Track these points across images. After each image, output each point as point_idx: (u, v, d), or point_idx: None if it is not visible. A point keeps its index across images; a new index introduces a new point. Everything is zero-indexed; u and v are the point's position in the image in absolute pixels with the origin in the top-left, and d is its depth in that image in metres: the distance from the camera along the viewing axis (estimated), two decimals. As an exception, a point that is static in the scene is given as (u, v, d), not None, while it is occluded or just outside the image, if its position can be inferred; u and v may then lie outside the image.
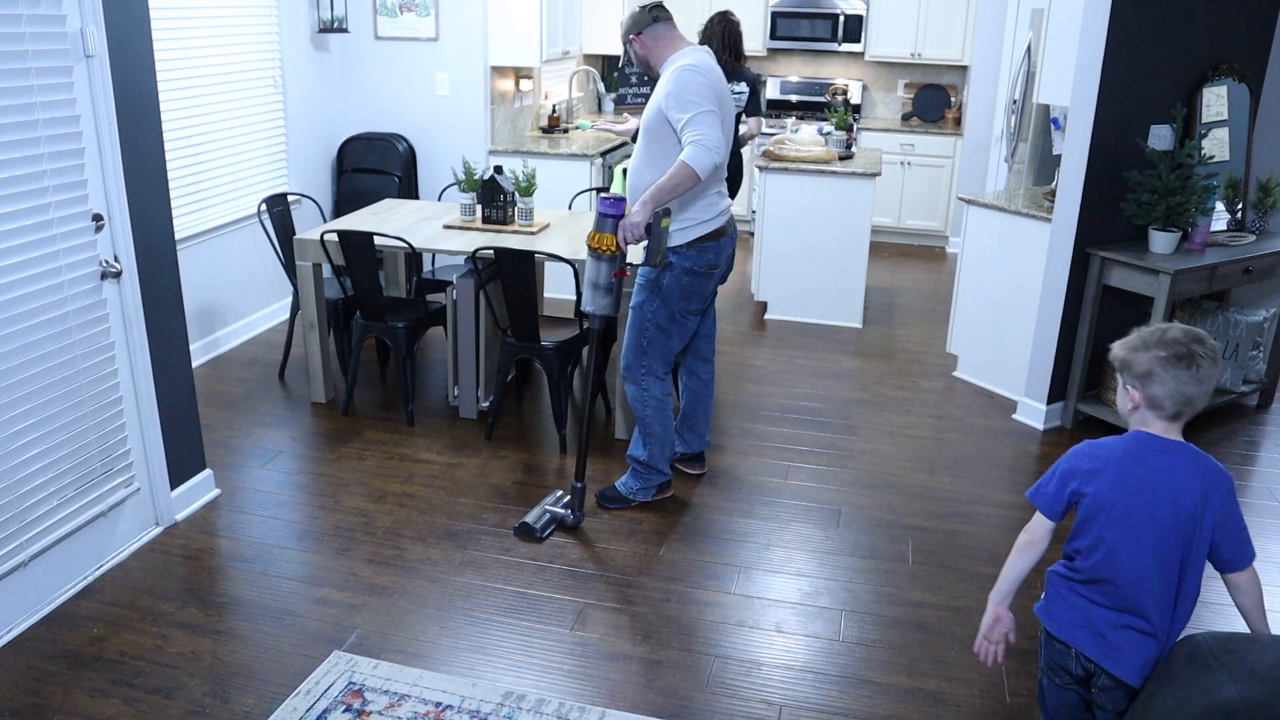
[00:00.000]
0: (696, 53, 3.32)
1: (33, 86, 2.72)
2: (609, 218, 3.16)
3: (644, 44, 3.38)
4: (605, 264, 3.22)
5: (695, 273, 3.38)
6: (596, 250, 3.19)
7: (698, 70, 3.21)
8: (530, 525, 3.45)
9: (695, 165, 3.11)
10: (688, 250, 3.35)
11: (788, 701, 2.68)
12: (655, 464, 3.61)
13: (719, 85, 3.27)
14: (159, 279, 3.31)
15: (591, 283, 3.28)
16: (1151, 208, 4.11)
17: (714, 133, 3.14)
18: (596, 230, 3.19)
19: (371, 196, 5.84)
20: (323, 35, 5.77)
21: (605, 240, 3.17)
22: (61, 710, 2.57)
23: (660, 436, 3.59)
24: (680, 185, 3.14)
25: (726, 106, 3.30)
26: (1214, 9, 4.24)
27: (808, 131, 6.02)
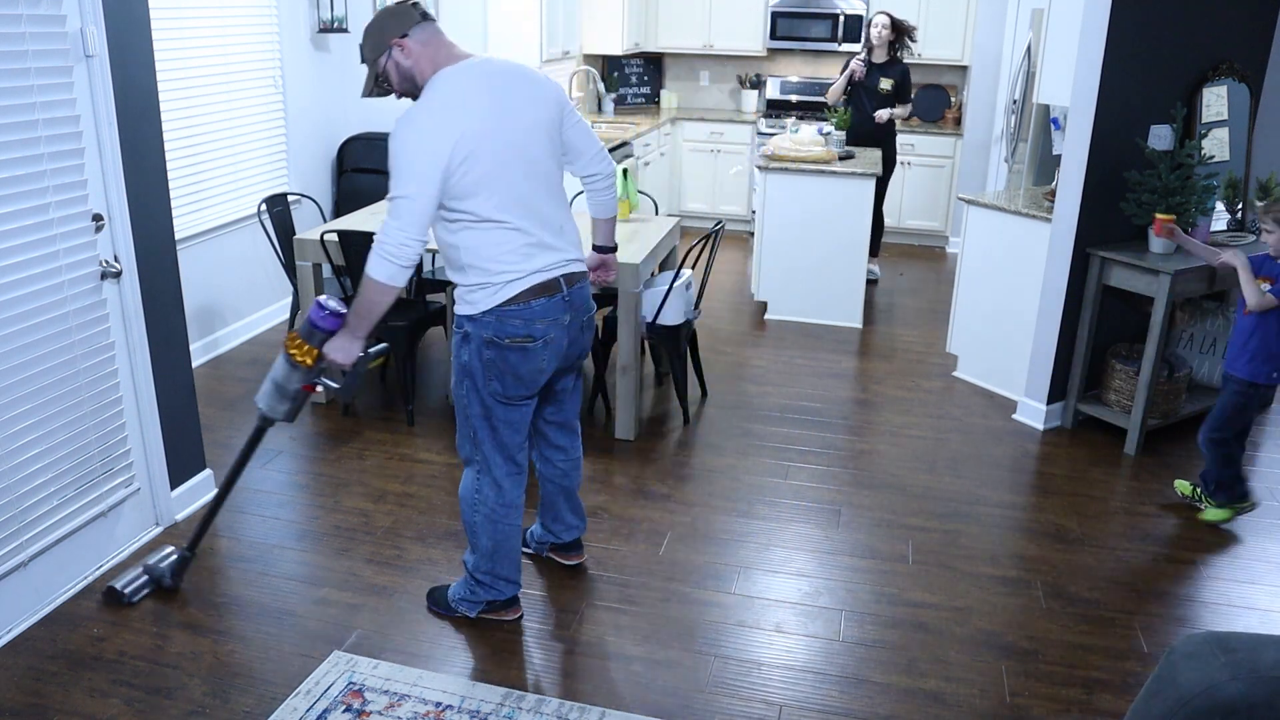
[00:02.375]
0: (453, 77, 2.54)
1: (33, 86, 2.72)
2: (319, 330, 2.69)
3: (411, 51, 2.56)
4: (299, 372, 2.75)
5: (498, 345, 2.62)
6: (292, 356, 2.73)
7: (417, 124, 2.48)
8: (117, 590, 3.01)
9: (378, 277, 2.49)
10: (483, 317, 2.62)
11: (788, 701, 2.68)
12: (481, 579, 2.91)
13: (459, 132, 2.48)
14: (159, 279, 3.31)
15: (275, 384, 2.80)
16: (1151, 208, 4.11)
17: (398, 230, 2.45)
18: (303, 339, 2.71)
19: (371, 196, 5.83)
20: (323, 35, 5.77)
21: (307, 352, 2.72)
22: (61, 710, 2.57)
23: (489, 552, 2.86)
24: (373, 304, 2.55)
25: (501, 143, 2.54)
26: (1214, 9, 4.24)
27: (808, 131, 6.02)
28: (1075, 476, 4.02)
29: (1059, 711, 2.67)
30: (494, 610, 2.98)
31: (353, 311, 2.63)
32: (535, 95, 2.64)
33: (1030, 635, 2.99)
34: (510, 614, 3.00)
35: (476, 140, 2.50)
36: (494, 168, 2.53)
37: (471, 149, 2.49)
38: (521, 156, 2.59)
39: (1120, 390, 4.33)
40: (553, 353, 2.71)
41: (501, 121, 2.55)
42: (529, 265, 2.62)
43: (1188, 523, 3.67)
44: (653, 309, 4.26)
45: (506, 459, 2.80)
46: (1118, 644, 2.96)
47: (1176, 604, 3.17)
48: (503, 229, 2.58)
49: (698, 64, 8.56)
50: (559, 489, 3.13)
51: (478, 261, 2.60)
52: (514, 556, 2.92)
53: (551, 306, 2.66)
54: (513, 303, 2.61)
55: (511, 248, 2.60)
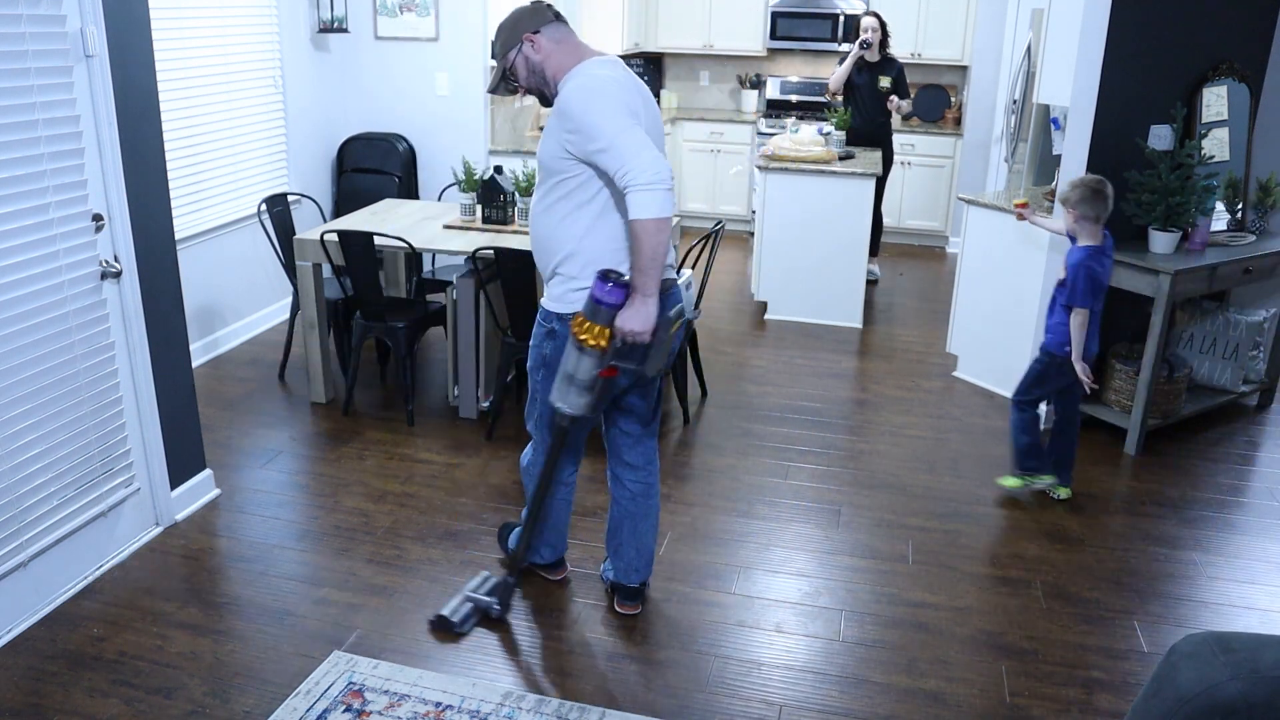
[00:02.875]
0: (599, 64, 2.56)
1: (33, 86, 2.72)
2: (604, 306, 2.45)
3: (542, 47, 2.58)
4: (590, 359, 2.51)
5: None
6: (581, 341, 2.49)
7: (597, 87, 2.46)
8: (447, 619, 2.92)
9: (655, 214, 2.36)
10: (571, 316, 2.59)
11: (788, 701, 2.68)
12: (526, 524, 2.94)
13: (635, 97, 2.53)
14: (159, 279, 3.31)
15: (566, 375, 2.57)
16: (1151, 208, 4.11)
17: (642, 158, 2.36)
18: (587, 318, 2.48)
19: (371, 196, 5.84)
20: (323, 35, 5.77)
21: (596, 333, 2.47)
22: (61, 710, 2.57)
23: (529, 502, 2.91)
24: (655, 249, 2.40)
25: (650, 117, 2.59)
26: (1214, 9, 4.24)
27: (808, 131, 6.02)
28: (1075, 476, 4.01)
29: (1059, 711, 2.67)
30: (536, 569, 3.19)
31: (636, 270, 2.43)
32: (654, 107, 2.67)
33: (1030, 635, 2.99)
34: (554, 574, 3.19)
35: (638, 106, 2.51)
36: None
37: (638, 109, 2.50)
38: None
39: (1120, 390, 4.33)
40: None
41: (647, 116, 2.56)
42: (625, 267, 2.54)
43: (1188, 523, 3.67)
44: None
45: (552, 432, 2.80)
46: (1118, 644, 2.96)
47: (1176, 604, 3.18)
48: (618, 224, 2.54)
49: (698, 64, 8.56)
50: (626, 514, 2.94)
51: (602, 257, 2.53)
52: (558, 526, 3.05)
53: None
54: None
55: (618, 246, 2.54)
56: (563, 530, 3.07)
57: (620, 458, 2.92)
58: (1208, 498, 3.87)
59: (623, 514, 2.96)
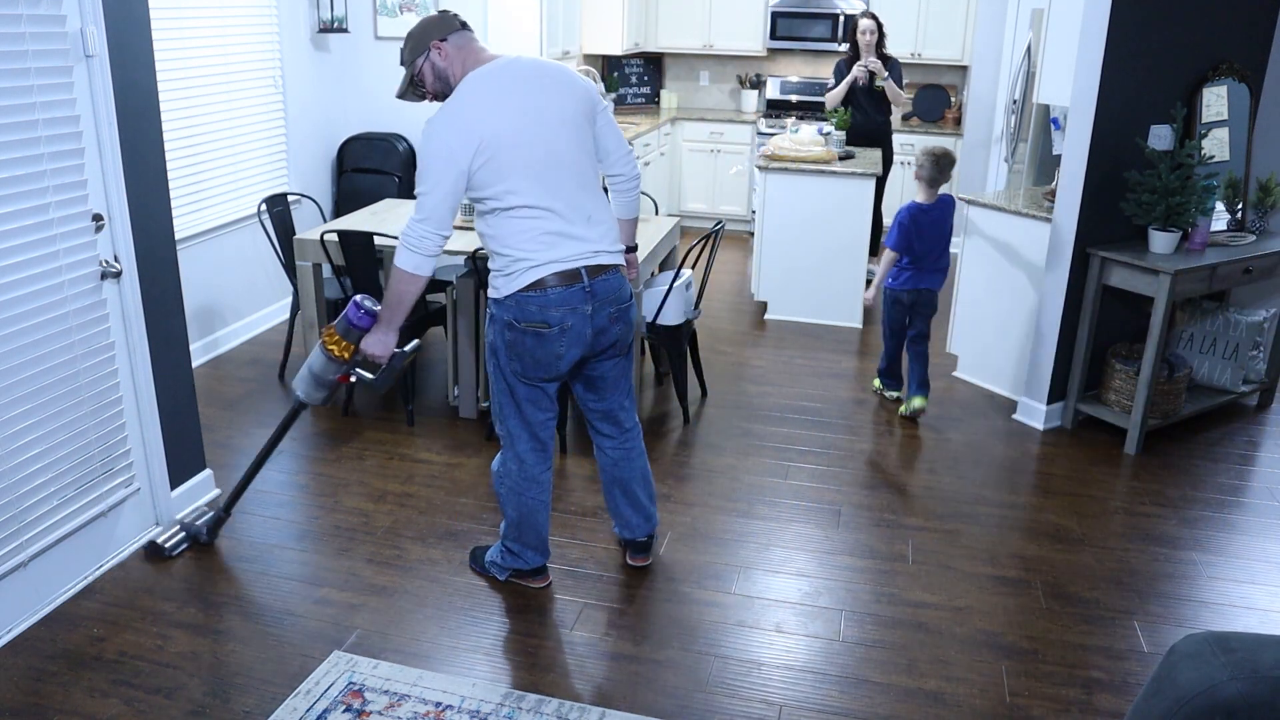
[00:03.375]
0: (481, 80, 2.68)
1: (33, 86, 2.72)
2: (354, 327, 2.90)
3: (448, 54, 2.74)
4: (334, 365, 2.98)
5: (516, 329, 2.74)
6: (329, 351, 2.95)
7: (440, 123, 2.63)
8: (158, 544, 3.25)
9: (405, 267, 2.68)
10: (505, 301, 2.75)
11: (788, 701, 2.68)
12: (509, 547, 3.08)
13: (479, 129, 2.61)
14: (159, 279, 3.31)
15: (312, 372, 3.01)
16: (1151, 208, 4.11)
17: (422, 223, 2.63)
18: (339, 334, 2.92)
19: (371, 196, 5.84)
20: (323, 35, 5.77)
21: (342, 346, 2.93)
22: (61, 710, 2.57)
23: (515, 522, 3.02)
24: (403, 294, 2.73)
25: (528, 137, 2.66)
26: (1214, 9, 4.23)
27: (808, 131, 6.02)
28: (1075, 476, 4.02)
29: (1059, 711, 2.67)
30: (521, 577, 3.15)
31: (384, 304, 2.81)
32: (564, 92, 2.75)
33: (1030, 635, 2.99)
34: (537, 582, 3.15)
35: (497, 135, 2.63)
36: (516, 160, 2.65)
37: (492, 143, 2.62)
38: (546, 149, 2.69)
39: (1120, 390, 4.33)
40: (572, 340, 2.77)
41: (524, 117, 2.67)
42: (549, 254, 2.70)
43: (1188, 523, 3.68)
44: (653, 309, 4.26)
45: (530, 435, 2.93)
46: (1118, 644, 2.96)
47: (1176, 604, 3.18)
48: (525, 218, 2.69)
49: (698, 64, 8.56)
50: (612, 479, 3.15)
51: (502, 249, 2.73)
52: (538, 529, 3.05)
53: (569, 295, 2.72)
54: (530, 289, 2.71)
55: (531, 236, 2.70)
56: (543, 533, 3.07)
57: (594, 426, 3.10)
58: (1208, 498, 3.87)
59: (610, 479, 3.15)
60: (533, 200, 2.68)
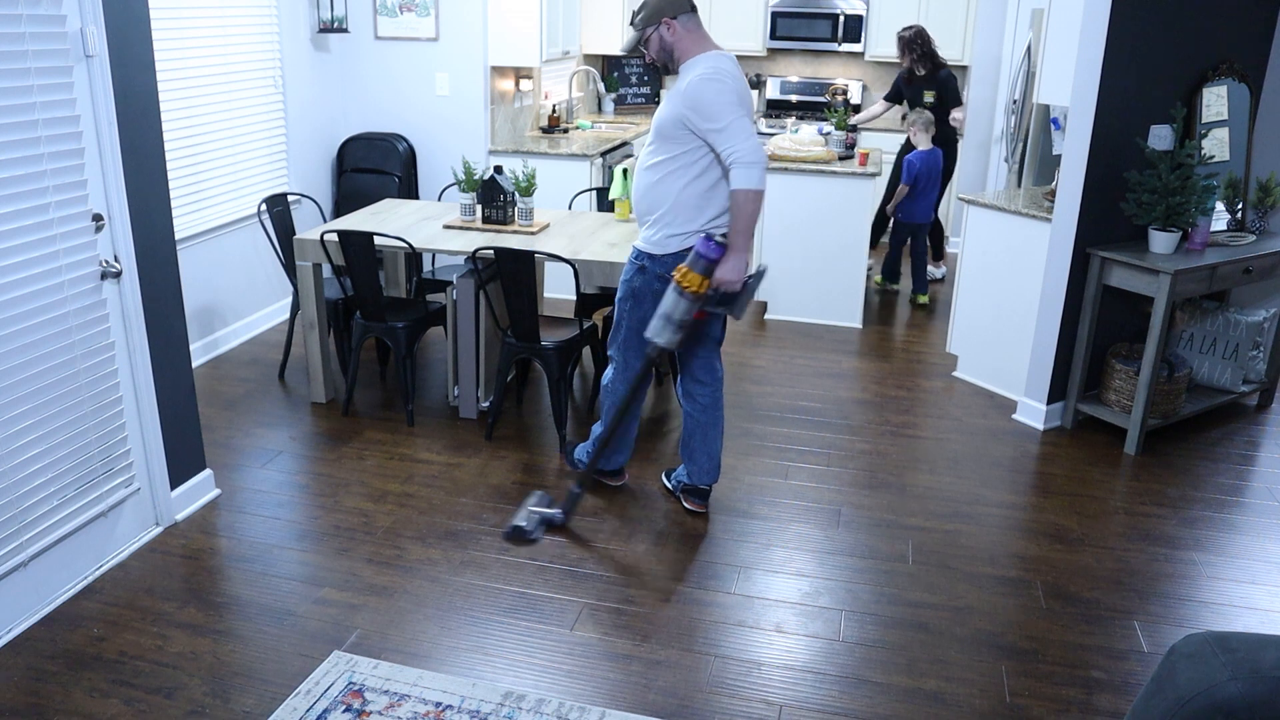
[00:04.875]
0: (720, 58, 3.15)
1: (33, 86, 2.72)
2: (704, 259, 3.07)
3: (676, 31, 3.15)
4: (686, 301, 3.11)
5: (664, 280, 3.23)
6: (683, 288, 3.10)
7: (722, 79, 3.07)
8: (522, 528, 3.43)
9: (754, 186, 3.02)
10: (666, 258, 3.22)
11: (788, 701, 2.68)
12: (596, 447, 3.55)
13: (744, 91, 3.16)
14: (159, 279, 3.31)
15: (665, 315, 3.17)
16: (1151, 208, 4.11)
17: (748, 141, 3.03)
18: (690, 269, 3.09)
19: (371, 196, 5.84)
20: (323, 35, 5.77)
21: (694, 280, 3.08)
22: (61, 710, 2.57)
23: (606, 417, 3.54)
24: (752, 215, 3.06)
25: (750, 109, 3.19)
26: (1214, 9, 4.24)
27: (808, 131, 6.02)
28: (1075, 476, 4.02)
29: (1059, 711, 2.67)
30: (602, 475, 3.73)
31: (733, 231, 3.10)
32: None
33: (1030, 635, 2.99)
34: (614, 480, 3.75)
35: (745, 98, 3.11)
36: None
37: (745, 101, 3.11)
38: None
39: (1120, 390, 4.33)
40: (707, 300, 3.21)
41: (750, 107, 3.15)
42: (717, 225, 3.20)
43: (1188, 523, 3.68)
44: (653, 309, 4.26)
45: (637, 357, 3.41)
46: (1118, 644, 2.96)
47: (1176, 604, 3.18)
48: (716, 191, 3.16)
49: (698, 64, 8.54)
50: (697, 425, 3.51)
51: (699, 213, 3.17)
52: (625, 438, 3.61)
53: None
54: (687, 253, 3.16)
55: (715, 207, 3.18)
56: (631, 441, 3.65)
57: (694, 376, 3.47)
58: (1208, 498, 3.87)
59: (694, 425, 3.52)
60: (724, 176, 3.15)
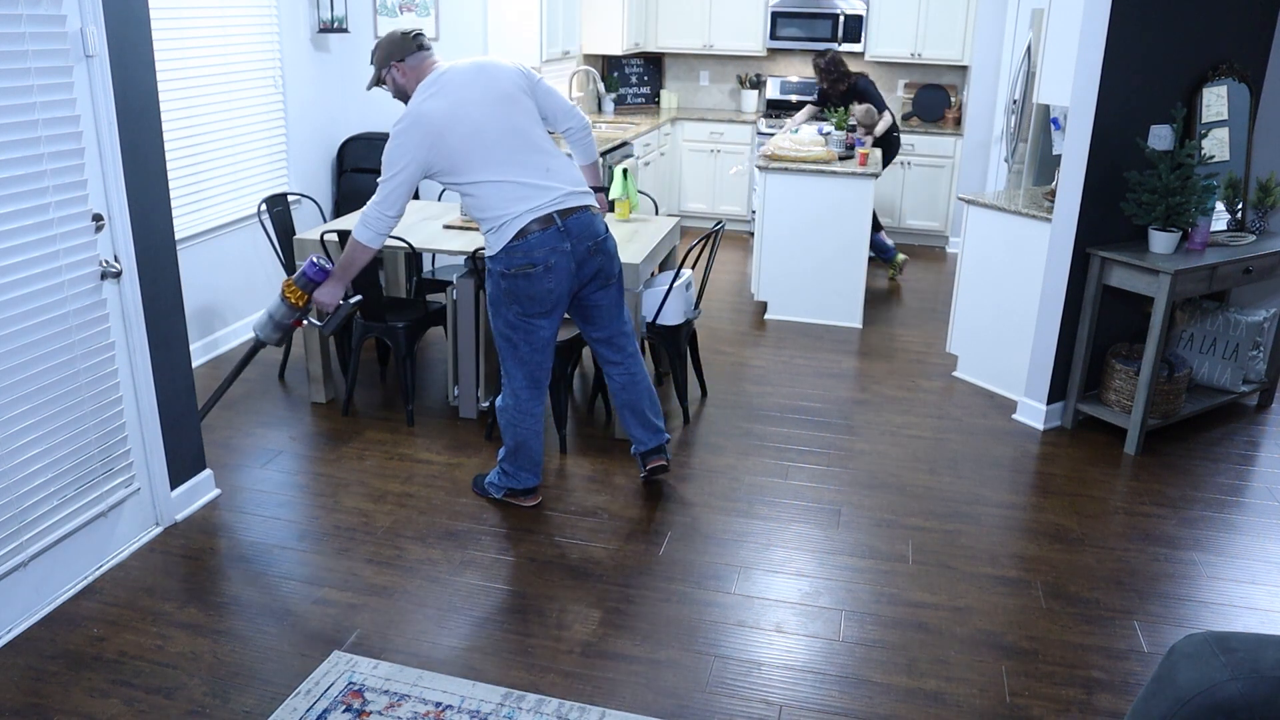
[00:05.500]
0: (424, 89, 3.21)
1: (33, 86, 2.72)
2: (308, 279, 3.43)
3: (405, 72, 3.31)
4: (291, 310, 3.50)
5: (510, 276, 3.23)
6: (286, 298, 3.47)
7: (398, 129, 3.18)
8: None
9: (359, 239, 3.28)
10: (497, 255, 3.25)
11: (788, 701, 2.68)
12: (506, 469, 3.59)
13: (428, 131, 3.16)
14: (159, 279, 3.31)
15: (270, 316, 3.51)
16: (1151, 208, 4.11)
17: (379, 206, 3.22)
18: (297, 285, 3.44)
19: (371, 196, 5.83)
20: (323, 35, 5.77)
21: (296, 293, 3.45)
22: (61, 710, 2.57)
23: (511, 449, 3.54)
24: (353, 260, 3.35)
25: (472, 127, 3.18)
26: (1214, 9, 4.24)
27: (808, 131, 6.02)
28: (1075, 476, 4.02)
29: (1059, 711, 2.67)
30: (514, 496, 3.65)
31: (338, 265, 3.41)
32: (493, 78, 3.26)
33: (1030, 635, 2.99)
34: (529, 500, 3.65)
35: (440, 131, 3.17)
36: (464, 146, 3.18)
37: (440, 139, 3.17)
38: (488, 129, 3.20)
39: (1120, 390, 4.33)
40: (560, 275, 3.25)
41: (463, 109, 3.19)
42: (520, 208, 3.21)
43: (1188, 523, 3.68)
44: (653, 309, 4.26)
45: (526, 375, 3.42)
46: (1118, 644, 2.96)
47: (1176, 604, 3.18)
48: (491, 186, 3.21)
49: (697, 64, 8.56)
50: (623, 403, 3.65)
51: (484, 214, 3.25)
52: (532, 454, 3.56)
53: (547, 237, 3.21)
54: (515, 239, 3.20)
55: (503, 198, 3.21)
56: (536, 458, 3.57)
57: (603, 357, 3.61)
58: (1208, 498, 3.87)
59: (620, 403, 3.67)
60: (490, 171, 3.19)
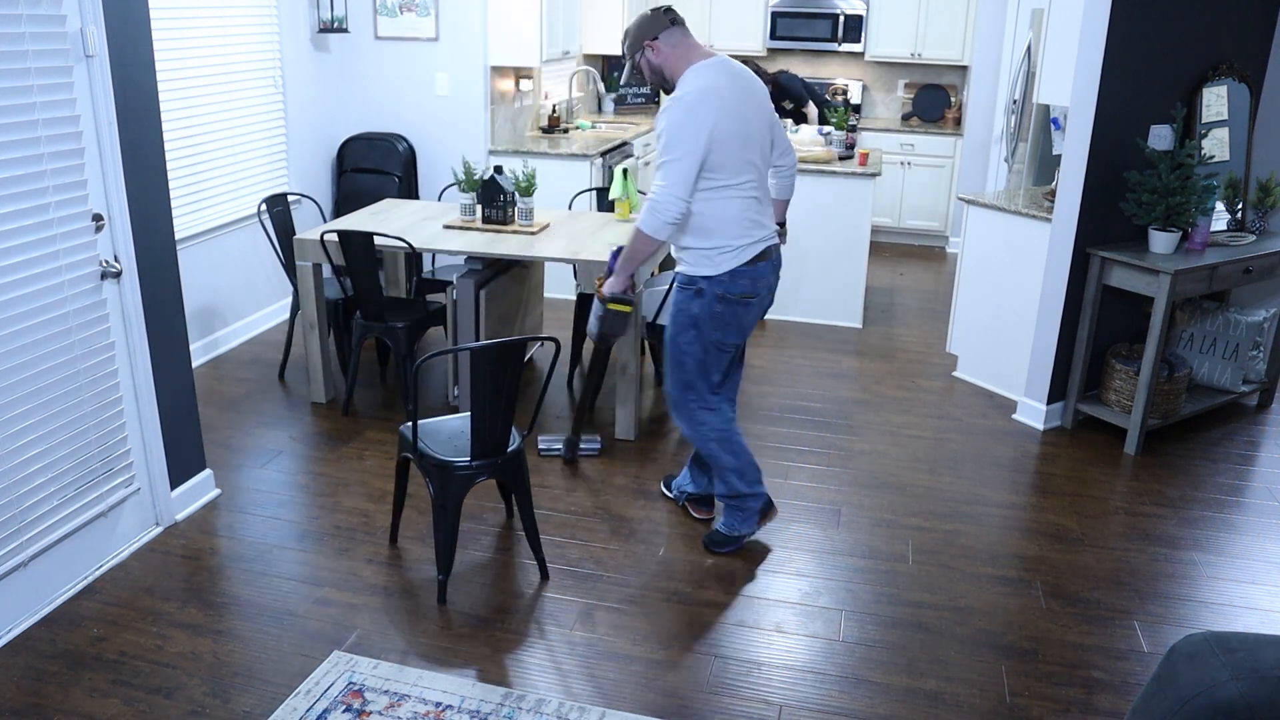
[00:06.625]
0: (706, 70, 3.01)
1: (33, 86, 2.72)
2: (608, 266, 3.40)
3: (660, 52, 3.06)
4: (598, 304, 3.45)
5: (729, 300, 3.12)
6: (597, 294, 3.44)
7: (686, 102, 2.95)
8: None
9: (644, 229, 3.02)
10: (721, 276, 3.09)
11: (788, 701, 2.68)
12: (739, 492, 3.33)
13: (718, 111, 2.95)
14: (159, 279, 3.31)
15: (595, 313, 3.46)
16: (1151, 208, 4.11)
17: (669, 189, 2.94)
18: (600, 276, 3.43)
19: (371, 196, 5.84)
20: (323, 35, 5.77)
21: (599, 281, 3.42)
22: (61, 710, 2.57)
23: (734, 467, 3.30)
24: (638, 251, 3.13)
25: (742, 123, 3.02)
26: (1214, 9, 4.24)
27: (808, 131, 6.02)
28: (1075, 476, 4.02)
29: (1059, 711, 2.67)
30: (764, 516, 3.41)
31: (622, 257, 3.23)
32: (760, 92, 3.14)
33: (1030, 635, 2.99)
34: (774, 515, 3.45)
35: (727, 123, 2.98)
36: (737, 147, 3.01)
37: (723, 129, 2.97)
38: (754, 141, 3.08)
39: (1120, 390, 4.33)
40: (760, 308, 3.22)
41: (744, 110, 3.03)
42: (756, 234, 3.13)
43: (1188, 523, 3.68)
44: (653, 309, 4.26)
45: (714, 391, 3.29)
46: (1118, 644, 2.96)
47: (1176, 604, 3.18)
48: (741, 199, 3.07)
49: (698, 64, 8.55)
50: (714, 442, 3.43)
51: (722, 227, 3.08)
52: (754, 461, 3.36)
53: (767, 269, 3.17)
54: (747, 265, 3.11)
55: (747, 218, 3.10)
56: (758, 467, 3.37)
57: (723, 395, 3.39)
58: (1208, 498, 3.87)
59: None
60: (746, 184, 3.07)
